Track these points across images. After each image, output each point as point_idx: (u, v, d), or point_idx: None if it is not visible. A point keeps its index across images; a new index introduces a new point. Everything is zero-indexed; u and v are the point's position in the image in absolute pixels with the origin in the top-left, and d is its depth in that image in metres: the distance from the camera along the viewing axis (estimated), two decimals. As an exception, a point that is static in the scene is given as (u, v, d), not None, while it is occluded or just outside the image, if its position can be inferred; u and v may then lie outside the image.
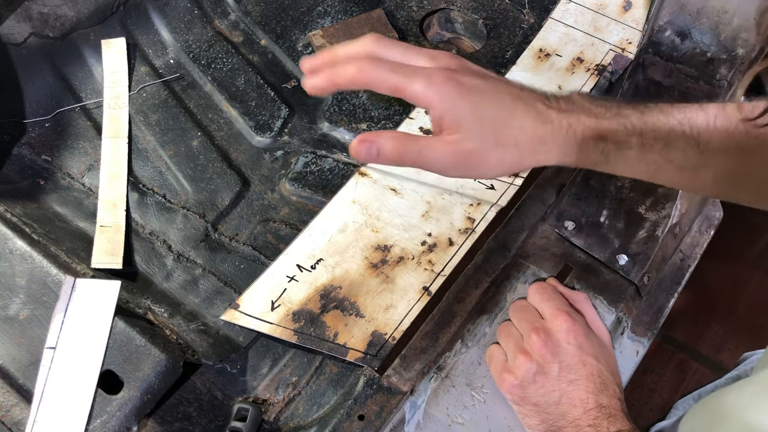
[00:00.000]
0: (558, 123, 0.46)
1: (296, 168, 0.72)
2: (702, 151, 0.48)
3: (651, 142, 0.48)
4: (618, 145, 0.48)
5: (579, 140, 0.47)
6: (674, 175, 0.50)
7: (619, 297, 0.62)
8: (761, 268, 1.24)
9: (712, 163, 0.49)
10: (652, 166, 0.49)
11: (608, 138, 0.47)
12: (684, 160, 0.48)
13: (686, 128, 0.48)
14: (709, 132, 0.48)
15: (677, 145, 0.48)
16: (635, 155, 0.48)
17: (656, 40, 0.59)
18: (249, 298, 0.61)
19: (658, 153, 0.48)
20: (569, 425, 0.51)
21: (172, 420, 0.55)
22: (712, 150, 0.48)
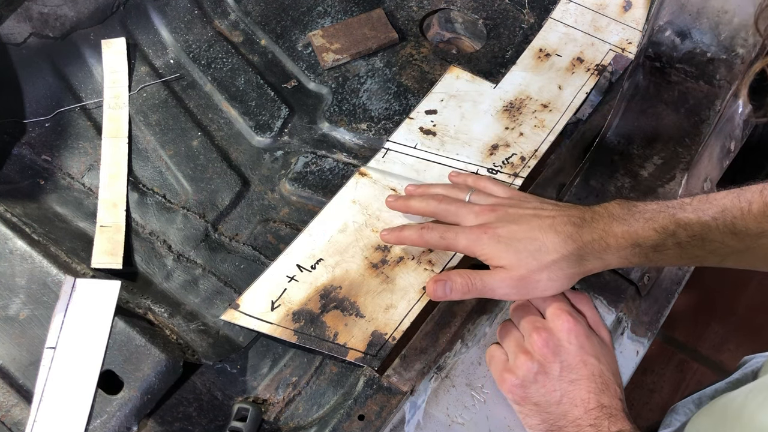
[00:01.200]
0: (589, 239, 0.53)
1: (296, 168, 0.72)
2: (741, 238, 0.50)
3: (687, 240, 0.52)
4: (654, 248, 0.53)
5: (614, 249, 0.53)
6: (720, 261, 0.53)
7: (619, 297, 0.62)
8: (761, 268, 1.23)
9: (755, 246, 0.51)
10: (696, 259, 0.53)
11: (642, 244, 0.53)
12: (725, 249, 0.51)
13: (720, 222, 0.51)
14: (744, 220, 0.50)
15: (714, 238, 0.51)
16: (674, 253, 0.53)
17: (656, 40, 0.59)
18: (249, 298, 0.61)
19: (697, 248, 0.52)
20: (570, 425, 0.51)
21: (172, 420, 0.55)
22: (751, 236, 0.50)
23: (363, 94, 0.78)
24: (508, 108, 0.74)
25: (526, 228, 0.54)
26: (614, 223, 0.53)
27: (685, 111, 0.62)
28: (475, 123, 0.73)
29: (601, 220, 0.54)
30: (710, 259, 0.53)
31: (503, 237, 0.54)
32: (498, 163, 0.69)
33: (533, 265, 0.53)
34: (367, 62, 0.80)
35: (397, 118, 0.75)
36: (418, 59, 0.81)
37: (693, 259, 0.54)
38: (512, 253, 0.53)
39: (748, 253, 0.52)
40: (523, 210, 0.57)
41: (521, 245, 0.53)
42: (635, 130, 0.65)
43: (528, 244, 0.53)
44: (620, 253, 0.53)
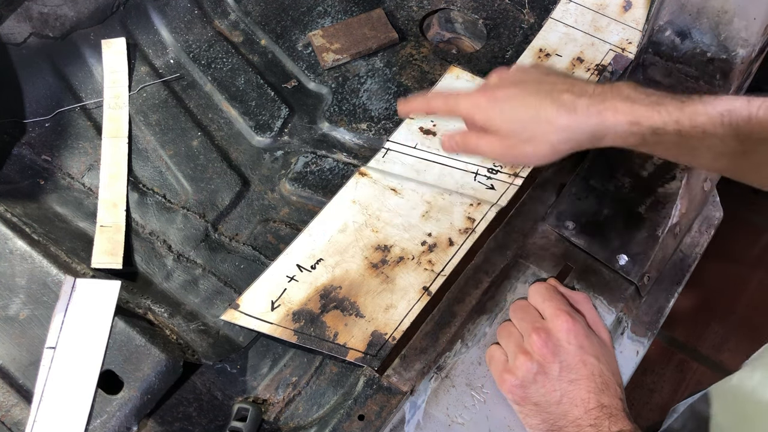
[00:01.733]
0: (584, 111, 0.51)
1: (296, 168, 0.72)
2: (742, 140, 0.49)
3: (688, 129, 0.50)
4: (653, 130, 0.51)
5: (610, 125, 0.51)
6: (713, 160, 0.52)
7: (619, 297, 0.62)
8: (761, 268, 1.23)
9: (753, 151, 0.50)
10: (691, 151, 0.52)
11: (642, 123, 0.51)
12: (723, 147, 0.50)
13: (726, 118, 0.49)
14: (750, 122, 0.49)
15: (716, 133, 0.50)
16: (672, 140, 0.51)
17: (656, 40, 0.59)
18: (249, 298, 0.61)
19: (696, 140, 0.50)
20: (570, 425, 0.51)
21: (172, 420, 0.55)
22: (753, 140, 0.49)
23: (363, 94, 0.78)
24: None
25: (523, 92, 0.53)
26: (618, 99, 0.51)
27: (685, 111, 0.62)
28: (475, 123, 0.73)
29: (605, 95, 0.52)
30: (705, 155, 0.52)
31: (500, 100, 0.54)
32: (498, 163, 0.69)
33: (522, 135, 0.53)
34: (367, 62, 0.80)
35: (397, 118, 0.75)
36: (418, 59, 0.81)
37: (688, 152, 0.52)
38: (505, 119, 0.54)
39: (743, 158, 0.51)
40: (528, 75, 0.56)
41: (515, 112, 0.53)
42: (635, 130, 0.65)
43: (521, 112, 0.53)
44: (617, 129, 0.51)
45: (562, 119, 0.52)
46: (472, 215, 0.65)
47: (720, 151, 0.51)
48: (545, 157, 0.54)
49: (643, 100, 0.51)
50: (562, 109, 0.52)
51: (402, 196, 0.67)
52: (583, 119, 0.51)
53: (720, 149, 0.50)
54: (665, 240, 0.64)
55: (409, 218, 0.65)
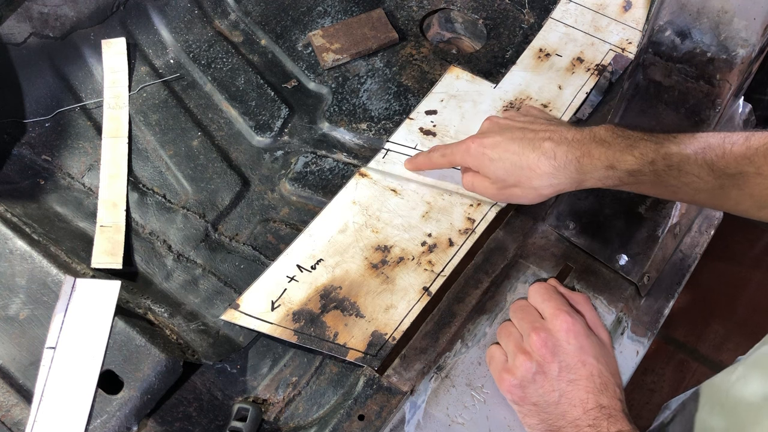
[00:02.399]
0: (563, 158, 0.56)
1: (296, 168, 0.72)
2: (718, 176, 0.52)
3: (664, 169, 0.53)
4: (629, 173, 0.54)
5: (588, 170, 0.55)
6: (692, 196, 0.55)
7: (619, 297, 0.62)
8: (761, 268, 1.23)
9: (730, 185, 0.52)
10: (669, 189, 0.55)
11: (618, 167, 0.55)
12: (700, 183, 0.53)
13: (700, 156, 0.52)
14: (725, 158, 0.51)
15: (691, 171, 0.53)
16: (649, 180, 0.54)
17: (656, 40, 0.59)
18: (249, 298, 0.61)
19: (673, 178, 0.53)
20: (569, 425, 0.51)
21: (172, 420, 0.55)
22: (729, 175, 0.51)
23: (363, 94, 0.78)
24: (508, 108, 0.74)
25: (508, 141, 0.59)
26: (594, 144, 0.55)
27: (685, 111, 0.62)
28: (475, 123, 0.73)
29: (584, 141, 0.56)
30: (683, 191, 0.54)
31: (487, 147, 0.59)
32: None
33: (509, 180, 0.59)
34: (367, 62, 0.80)
35: (397, 118, 0.75)
36: (418, 59, 0.81)
37: (666, 189, 0.55)
38: (493, 167, 0.59)
39: (721, 193, 0.53)
40: (514, 122, 0.62)
41: (501, 161, 0.59)
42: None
43: (506, 159, 0.58)
44: (595, 173, 0.55)
45: (543, 166, 0.56)
46: (472, 216, 0.65)
47: (697, 187, 0.53)
48: (533, 199, 0.60)
49: (619, 143, 0.55)
50: (542, 157, 0.56)
51: (402, 197, 0.67)
52: (562, 166, 0.56)
53: (697, 185, 0.53)
54: (665, 240, 0.64)
55: (409, 219, 0.65)
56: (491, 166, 0.59)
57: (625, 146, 0.54)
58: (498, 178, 0.60)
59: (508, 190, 0.60)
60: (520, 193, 0.60)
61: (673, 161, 0.53)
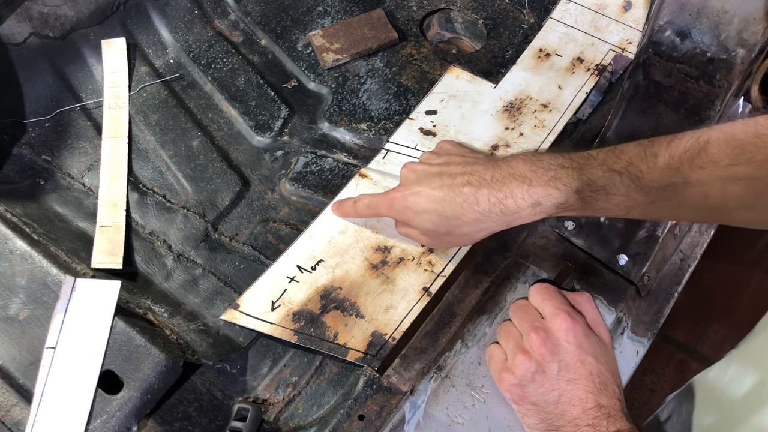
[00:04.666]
0: (486, 202, 0.54)
1: (296, 168, 0.72)
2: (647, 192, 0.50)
3: (590, 195, 0.52)
4: (556, 206, 0.53)
5: (513, 211, 0.54)
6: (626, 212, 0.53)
7: (619, 297, 0.62)
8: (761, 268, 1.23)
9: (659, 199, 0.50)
10: (601, 211, 0.53)
11: (543, 203, 0.53)
12: (629, 201, 0.51)
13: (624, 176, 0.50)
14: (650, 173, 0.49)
15: (618, 192, 0.51)
16: (578, 207, 0.53)
17: (656, 40, 0.59)
18: (249, 298, 0.61)
19: (601, 201, 0.52)
20: (568, 424, 0.51)
21: (172, 420, 0.55)
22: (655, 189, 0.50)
23: (363, 94, 0.78)
24: (508, 108, 0.74)
25: (428, 190, 0.57)
26: (515, 182, 0.53)
27: (685, 111, 0.62)
28: (475, 123, 0.73)
29: (503, 180, 0.54)
30: (615, 211, 0.53)
31: (409, 201, 0.58)
32: None
33: (438, 230, 0.57)
34: (367, 62, 0.80)
35: (397, 118, 0.75)
36: (418, 59, 0.81)
37: (597, 212, 0.54)
38: (418, 219, 0.58)
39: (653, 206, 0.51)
40: (430, 167, 0.59)
41: (425, 215, 0.57)
42: (635, 130, 0.65)
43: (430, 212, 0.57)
44: (521, 213, 0.54)
45: (468, 215, 0.55)
46: (472, 215, 0.65)
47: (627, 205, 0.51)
48: (468, 243, 0.60)
49: (540, 178, 0.53)
50: (465, 205, 0.55)
51: (402, 196, 0.67)
52: (487, 210, 0.54)
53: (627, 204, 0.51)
54: (665, 240, 0.64)
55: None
56: (417, 219, 0.58)
57: (547, 179, 0.53)
58: (427, 230, 0.58)
59: (441, 239, 0.59)
60: (453, 240, 0.59)
61: (598, 186, 0.51)
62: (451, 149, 0.64)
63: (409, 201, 0.58)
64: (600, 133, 0.67)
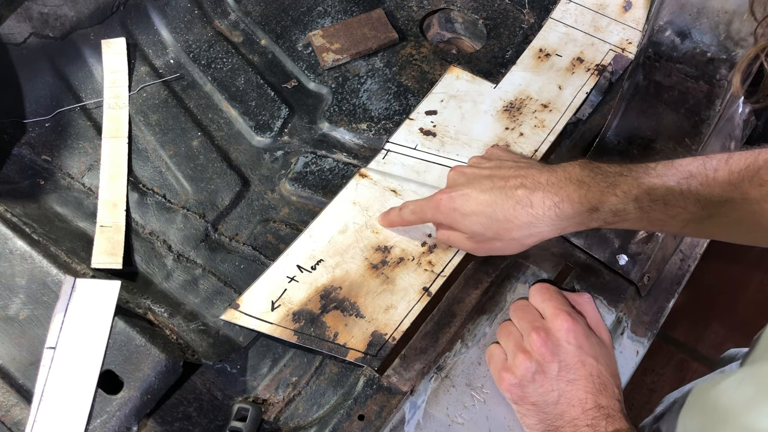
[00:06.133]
0: (541, 205, 0.52)
1: (296, 168, 0.72)
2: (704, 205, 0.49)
3: (649, 205, 0.51)
4: (614, 213, 0.52)
5: (569, 215, 0.52)
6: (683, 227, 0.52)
7: (619, 297, 0.62)
8: (761, 268, 1.23)
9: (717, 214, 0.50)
10: (657, 223, 0.52)
11: (601, 209, 0.51)
12: (687, 215, 0.50)
13: (684, 187, 0.50)
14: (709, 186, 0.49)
15: (677, 203, 0.50)
16: (635, 217, 0.52)
17: (656, 40, 0.59)
18: (249, 298, 0.61)
19: (659, 212, 0.51)
20: (567, 425, 0.51)
21: (172, 420, 0.55)
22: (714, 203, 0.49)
23: (363, 94, 0.78)
24: (508, 108, 0.74)
25: (478, 193, 0.55)
26: (572, 186, 0.52)
27: (685, 111, 0.62)
28: (475, 123, 0.73)
29: (559, 184, 0.52)
30: (671, 224, 0.52)
31: (458, 203, 0.56)
32: None
33: (486, 234, 0.55)
34: (367, 62, 0.80)
35: (397, 118, 0.75)
36: (418, 59, 0.81)
37: (653, 224, 0.52)
38: (466, 221, 0.56)
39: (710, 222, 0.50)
40: (480, 170, 0.57)
41: (474, 217, 0.55)
42: (635, 130, 0.65)
43: (480, 214, 0.54)
44: (577, 218, 0.52)
45: (521, 217, 0.53)
46: (472, 215, 0.65)
47: (685, 218, 0.51)
48: (517, 250, 0.57)
49: (599, 183, 0.51)
50: (518, 207, 0.53)
51: (402, 198, 0.67)
52: (541, 214, 0.52)
53: (684, 217, 0.50)
54: (665, 240, 0.64)
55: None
56: (465, 222, 0.56)
57: (606, 185, 0.51)
58: (474, 233, 0.56)
59: (488, 244, 0.57)
60: (501, 246, 0.56)
61: (657, 195, 0.50)
62: (502, 154, 0.63)
63: (458, 203, 0.56)
64: (600, 133, 0.67)
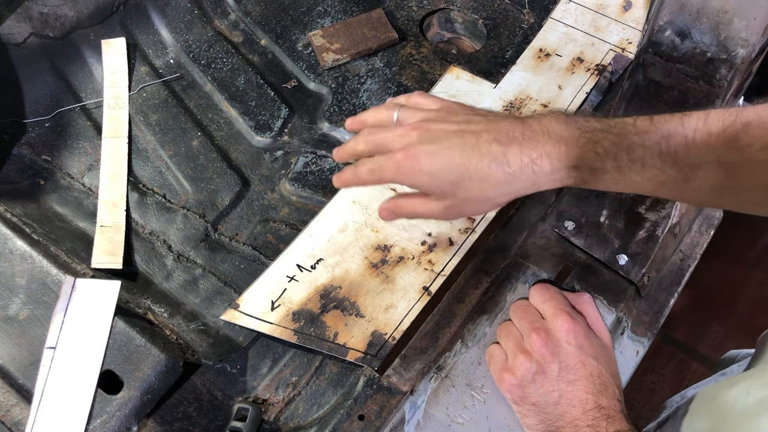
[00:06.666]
0: (518, 162, 0.49)
1: (296, 168, 0.72)
2: (681, 167, 0.48)
3: (627, 164, 0.48)
4: (592, 171, 0.49)
5: (546, 172, 0.49)
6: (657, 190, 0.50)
7: (619, 297, 0.62)
8: (761, 268, 1.23)
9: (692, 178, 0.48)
10: (632, 185, 0.50)
11: (579, 166, 0.49)
12: (663, 176, 0.48)
13: (663, 147, 0.48)
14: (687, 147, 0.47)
15: (654, 165, 0.48)
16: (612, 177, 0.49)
17: (656, 40, 0.59)
18: (249, 298, 0.61)
19: (636, 173, 0.48)
20: (568, 425, 0.51)
21: (172, 420, 0.55)
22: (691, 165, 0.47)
23: (363, 94, 0.78)
24: (508, 108, 0.74)
25: (447, 150, 0.50)
26: (550, 142, 0.48)
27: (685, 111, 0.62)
28: (475, 123, 0.73)
29: (536, 138, 0.49)
30: (646, 186, 0.49)
31: (424, 162, 0.50)
32: None
33: (457, 195, 0.50)
34: (367, 62, 0.80)
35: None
36: (418, 59, 0.81)
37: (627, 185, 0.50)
38: (434, 182, 0.50)
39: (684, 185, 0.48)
40: (447, 125, 0.52)
41: (442, 174, 0.50)
42: (635, 130, 0.65)
43: (449, 172, 0.49)
44: (554, 175, 0.49)
45: (496, 174, 0.49)
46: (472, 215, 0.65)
47: (660, 180, 0.49)
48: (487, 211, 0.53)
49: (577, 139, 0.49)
50: (493, 164, 0.49)
51: (402, 196, 0.67)
52: (518, 171, 0.49)
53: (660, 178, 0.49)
54: (665, 240, 0.64)
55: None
56: (432, 183, 0.50)
57: (585, 141, 0.48)
58: (443, 192, 0.51)
59: (457, 208, 0.52)
60: (471, 208, 0.52)
61: (636, 154, 0.48)
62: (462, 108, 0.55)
63: (423, 162, 0.50)
64: (600, 133, 0.67)
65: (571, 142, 0.48)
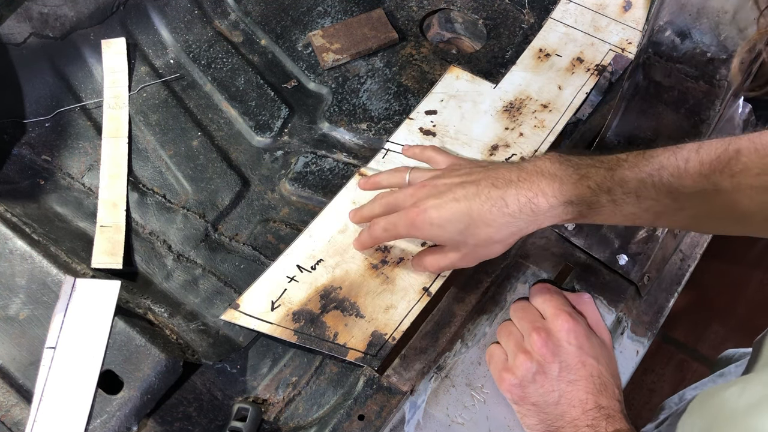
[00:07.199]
0: (515, 203, 0.52)
1: (296, 168, 0.72)
2: (675, 197, 0.49)
3: (622, 197, 0.50)
4: (588, 205, 0.51)
5: (544, 210, 0.52)
6: (655, 220, 0.52)
7: (619, 297, 0.62)
8: (761, 268, 1.23)
9: (688, 206, 0.50)
10: (630, 216, 0.52)
11: (575, 202, 0.51)
12: (659, 207, 0.50)
13: (656, 179, 0.49)
14: (680, 178, 0.49)
15: (649, 195, 0.50)
16: (609, 210, 0.51)
17: (656, 40, 0.59)
18: (249, 298, 0.61)
19: (631, 205, 0.51)
20: (568, 425, 0.51)
21: (172, 420, 0.55)
22: (686, 195, 0.49)
23: (363, 94, 0.78)
24: (508, 108, 0.74)
25: (452, 201, 0.54)
26: (545, 180, 0.52)
27: (685, 111, 0.62)
28: (475, 123, 0.73)
29: (531, 179, 0.52)
30: (644, 217, 0.52)
31: (433, 216, 0.54)
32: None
33: (468, 243, 0.54)
34: (367, 62, 0.80)
35: (397, 118, 0.75)
36: (418, 59, 0.81)
37: (626, 217, 0.52)
38: (445, 233, 0.54)
39: (682, 213, 0.50)
40: (452, 179, 0.56)
41: (450, 225, 0.54)
42: (635, 130, 0.65)
43: (456, 221, 0.53)
44: (552, 212, 0.52)
45: (498, 219, 0.52)
46: (472, 215, 0.65)
47: (657, 210, 0.50)
48: (501, 251, 0.56)
49: (571, 176, 0.51)
50: (494, 208, 0.52)
51: (402, 196, 0.67)
52: (517, 211, 0.52)
53: (656, 209, 0.50)
54: (665, 240, 0.64)
55: None
56: (444, 234, 0.54)
57: (578, 178, 0.51)
58: (456, 242, 0.55)
59: (473, 255, 0.56)
60: (485, 252, 0.56)
61: (630, 188, 0.50)
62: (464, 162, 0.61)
63: (432, 215, 0.54)
64: (600, 133, 0.67)
65: (565, 179, 0.51)
